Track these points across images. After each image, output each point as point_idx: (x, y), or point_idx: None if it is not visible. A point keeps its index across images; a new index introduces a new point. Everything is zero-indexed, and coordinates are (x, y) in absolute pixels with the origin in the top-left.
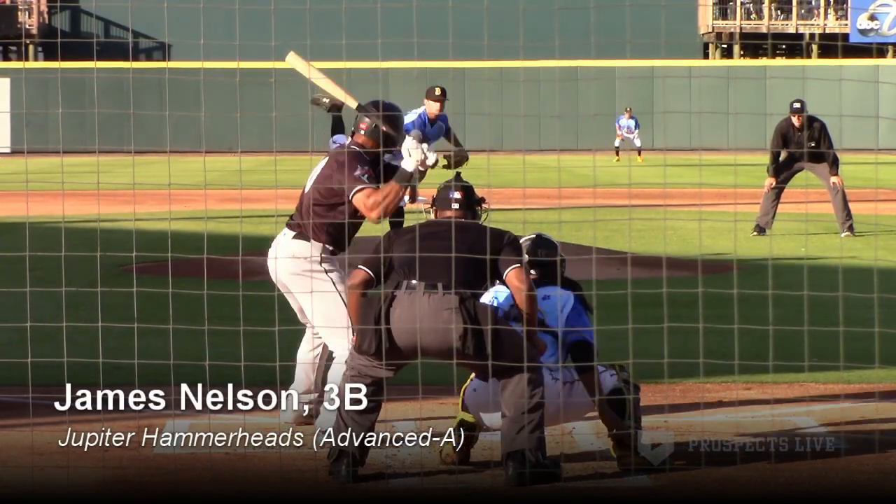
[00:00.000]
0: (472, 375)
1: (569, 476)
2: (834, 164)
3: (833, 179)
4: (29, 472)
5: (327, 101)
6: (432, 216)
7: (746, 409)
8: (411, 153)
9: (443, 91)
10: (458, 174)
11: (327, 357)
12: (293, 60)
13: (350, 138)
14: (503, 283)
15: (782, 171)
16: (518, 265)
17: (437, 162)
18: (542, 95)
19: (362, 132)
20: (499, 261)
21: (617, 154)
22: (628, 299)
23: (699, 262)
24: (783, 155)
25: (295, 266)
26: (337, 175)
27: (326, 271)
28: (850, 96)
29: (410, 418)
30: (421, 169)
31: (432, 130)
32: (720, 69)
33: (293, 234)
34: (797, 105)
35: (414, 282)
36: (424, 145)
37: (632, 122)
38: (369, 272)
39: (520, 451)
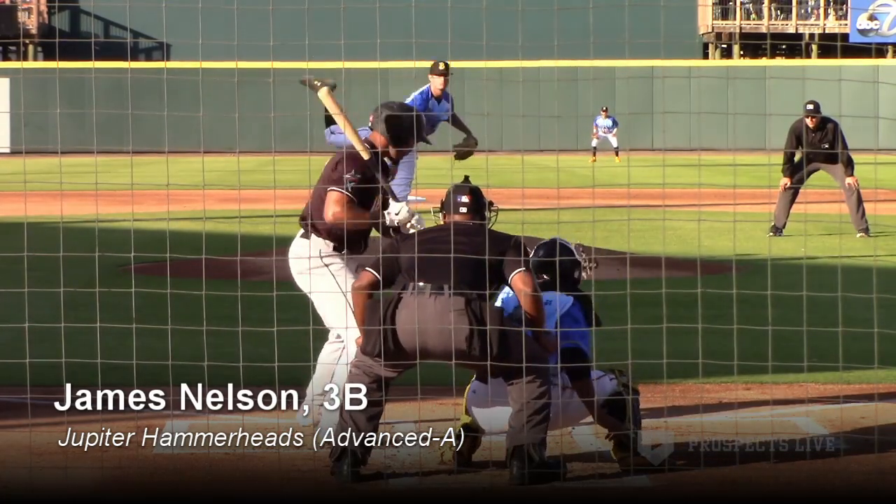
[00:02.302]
0: (473, 376)
1: (569, 476)
2: (849, 165)
3: (848, 180)
4: (28, 473)
5: (318, 83)
6: (441, 220)
7: (746, 410)
8: (399, 213)
9: (446, 66)
10: (466, 177)
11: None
12: (325, 97)
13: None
14: (509, 286)
15: (797, 171)
16: (523, 269)
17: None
18: (542, 96)
19: (375, 150)
20: (504, 264)
21: (594, 155)
22: (627, 300)
23: (698, 262)
24: (797, 155)
25: (300, 266)
26: (330, 173)
27: (328, 265)
28: (849, 96)
29: (410, 419)
30: (396, 223)
31: (439, 108)
32: (720, 69)
33: (300, 233)
34: (811, 107)
35: (421, 284)
36: (415, 217)
37: (609, 122)
38: (376, 274)
39: (523, 447)
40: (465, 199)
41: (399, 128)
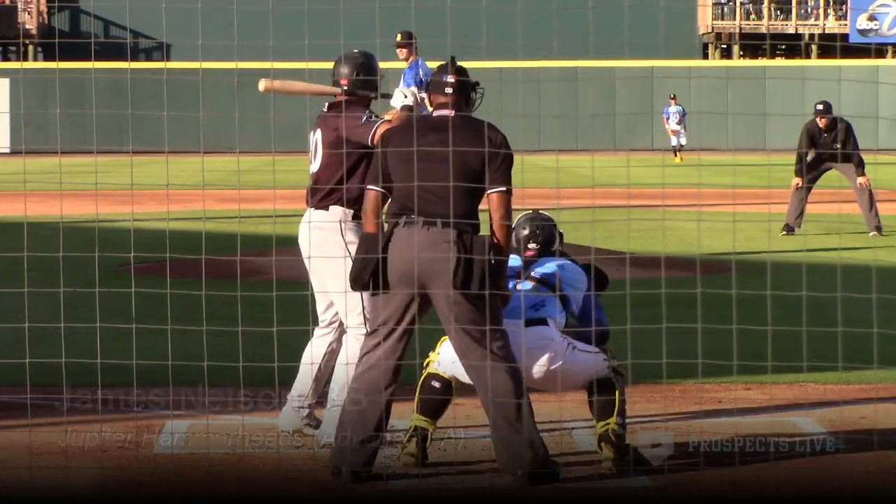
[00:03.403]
0: (428, 364)
1: (569, 476)
2: (860, 165)
3: (860, 180)
4: (28, 473)
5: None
6: (427, 101)
7: (746, 410)
8: (406, 95)
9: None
10: (452, 58)
11: (331, 351)
12: (267, 84)
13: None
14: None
15: (810, 171)
16: (503, 189)
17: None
18: (542, 96)
19: (346, 88)
20: (486, 173)
21: (675, 154)
22: (627, 300)
23: (698, 262)
24: (810, 155)
25: (318, 236)
26: (345, 131)
27: (348, 242)
28: (849, 96)
29: (409, 419)
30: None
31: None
32: (719, 69)
33: (313, 207)
34: (820, 107)
35: (413, 217)
36: (413, 88)
37: (680, 108)
38: (378, 189)
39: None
40: (450, 78)
41: (369, 69)
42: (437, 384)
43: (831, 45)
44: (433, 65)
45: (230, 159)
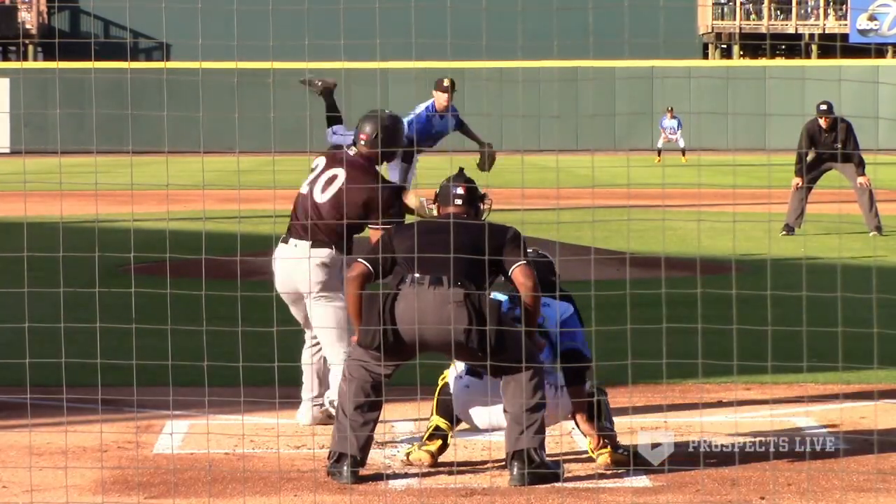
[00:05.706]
0: (444, 379)
1: (569, 476)
2: (860, 165)
3: (860, 180)
4: (27, 473)
5: (319, 83)
6: (435, 212)
7: (746, 410)
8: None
9: (452, 83)
10: (460, 169)
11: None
12: (413, 201)
13: (352, 147)
14: (508, 279)
15: (810, 171)
16: (523, 262)
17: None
18: (542, 96)
19: (363, 143)
20: (503, 256)
21: (658, 155)
22: (627, 300)
23: (698, 262)
24: (811, 155)
25: (319, 274)
26: (364, 191)
27: (342, 282)
28: (849, 96)
29: (409, 419)
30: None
31: (441, 125)
32: (719, 69)
33: (309, 243)
34: (824, 107)
35: (418, 275)
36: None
37: (674, 123)
38: (368, 266)
39: (524, 450)
40: (459, 191)
41: (389, 139)
42: None
43: (831, 45)
44: (433, 64)
45: (230, 159)
